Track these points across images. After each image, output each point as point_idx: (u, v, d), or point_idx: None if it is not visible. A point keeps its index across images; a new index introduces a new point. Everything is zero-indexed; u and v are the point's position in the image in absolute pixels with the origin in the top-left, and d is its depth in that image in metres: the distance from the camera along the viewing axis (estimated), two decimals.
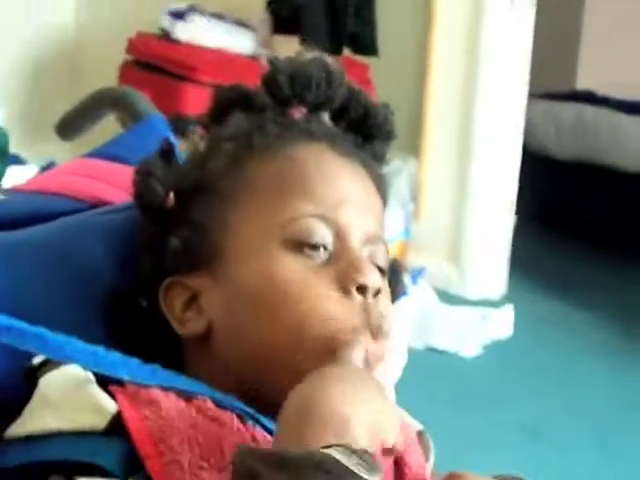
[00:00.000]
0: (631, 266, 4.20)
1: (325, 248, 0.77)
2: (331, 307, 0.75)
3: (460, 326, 3.26)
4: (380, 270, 0.80)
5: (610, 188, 4.55)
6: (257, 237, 0.77)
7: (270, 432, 0.72)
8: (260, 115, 0.83)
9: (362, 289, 0.76)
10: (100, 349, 0.72)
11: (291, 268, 0.76)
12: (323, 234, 0.77)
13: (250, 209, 0.79)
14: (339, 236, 0.78)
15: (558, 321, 3.52)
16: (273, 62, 0.85)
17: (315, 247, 0.77)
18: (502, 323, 3.33)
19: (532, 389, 2.92)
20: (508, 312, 3.38)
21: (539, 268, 4.08)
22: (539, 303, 3.67)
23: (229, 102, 0.85)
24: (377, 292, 0.77)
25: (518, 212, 3.90)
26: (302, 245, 0.77)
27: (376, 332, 0.76)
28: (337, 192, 0.80)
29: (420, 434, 0.90)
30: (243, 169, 0.80)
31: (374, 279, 0.77)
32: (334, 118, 0.86)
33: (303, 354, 0.75)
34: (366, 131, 0.87)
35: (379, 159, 0.89)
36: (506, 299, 3.64)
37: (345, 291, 0.76)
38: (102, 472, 0.66)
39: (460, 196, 3.75)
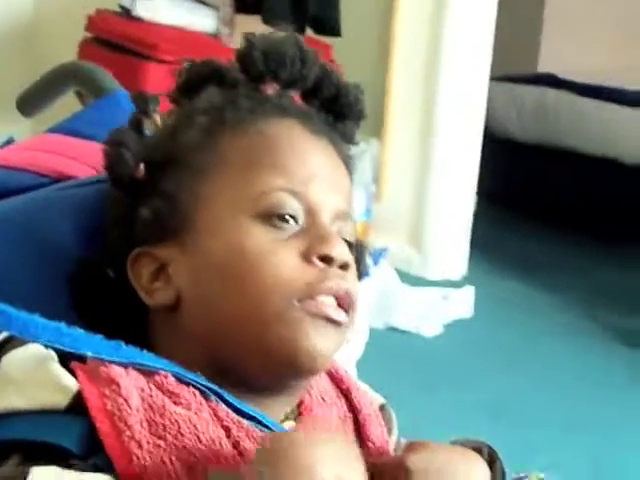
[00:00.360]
0: (591, 248, 4.24)
1: (295, 222, 0.78)
2: (291, 273, 0.75)
3: (421, 306, 3.27)
4: (349, 245, 0.80)
5: (570, 170, 4.59)
6: (227, 209, 0.77)
7: (233, 408, 0.73)
8: (233, 90, 0.84)
9: (327, 259, 0.77)
10: (63, 325, 0.72)
11: (259, 240, 0.76)
12: (293, 208, 0.78)
13: (221, 182, 0.79)
14: (309, 211, 0.78)
15: (519, 302, 3.55)
16: (248, 38, 0.85)
17: (285, 220, 0.77)
18: (463, 303, 3.35)
19: (493, 368, 2.94)
20: (469, 292, 3.40)
21: (500, 249, 4.10)
22: (500, 284, 3.70)
23: (201, 77, 0.85)
24: (344, 265, 0.78)
25: (479, 193, 3.92)
26: (272, 218, 0.77)
27: (337, 293, 0.76)
28: (307, 168, 0.80)
29: (382, 408, 0.91)
30: (215, 143, 0.80)
31: (341, 251, 0.77)
32: (306, 96, 0.86)
33: (266, 326, 0.75)
34: (337, 110, 0.87)
35: (348, 139, 0.89)
36: (467, 280, 3.66)
37: (308, 260, 0.76)
38: (62, 451, 0.66)
39: (422, 177, 3.76)
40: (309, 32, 3.64)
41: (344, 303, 0.77)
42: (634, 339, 3.23)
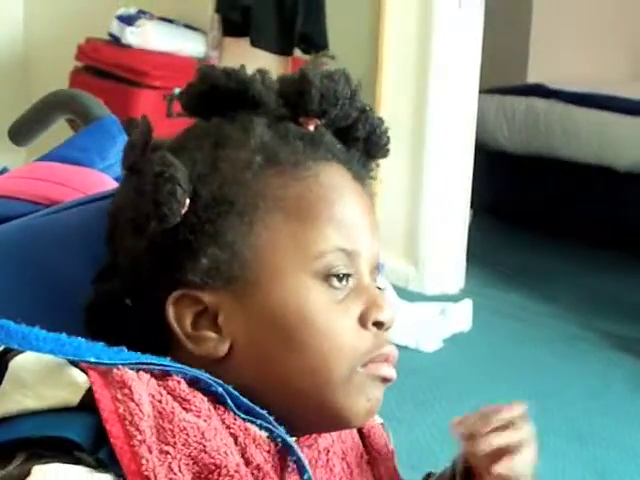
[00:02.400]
0: (587, 256, 4.24)
1: (347, 281, 0.78)
2: (353, 340, 0.77)
3: (420, 321, 3.27)
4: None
5: (563, 179, 4.60)
6: (288, 265, 0.76)
7: (244, 409, 0.73)
8: (280, 124, 0.80)
9: (379, 324, 0.78)
10: (63, 335, 0.72)
11: (321, 302, 0.76)
12: (348, 268, 0.77)
13: (278, 233, 0.76)
14: (359, 269, 0.79)
15: (517, 313, 3.55)
16: (307, 75, 0.81)
17: (341, 280, 0.77)
18: (461, 317, 3.35)
19: (494, 381, 2.93)
20: (467, 306, 3.40)
21: (496, 261, 4.11)
22: (497, 296, 3.70)
23: (229, 91, 0.81)
24: (390, 327, 0.80)
25: (473, 206, 3.93)
26: (331, 278, 0.76)
27: (389, 358, 0.79)
28: (356, 221, 0.79)
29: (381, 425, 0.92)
30: (268, 185, 0.77)
31: (390, 316, 0.79)
32: (339, 133, 0.84)
33: (329, 389, 0.76)
34: (368, 149, 0.85)
35: (370, 175, 0.88)
36: (464, 293, 3.66)
37: (364, 325, 0.77)
38: (67, 444, 0.66)
39: (415, 192, 3.77)
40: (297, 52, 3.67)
41: (392, 363, 0.80)
42: (633, 347, 3.23)
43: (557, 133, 4.58)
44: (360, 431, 0.87)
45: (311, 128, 0.82)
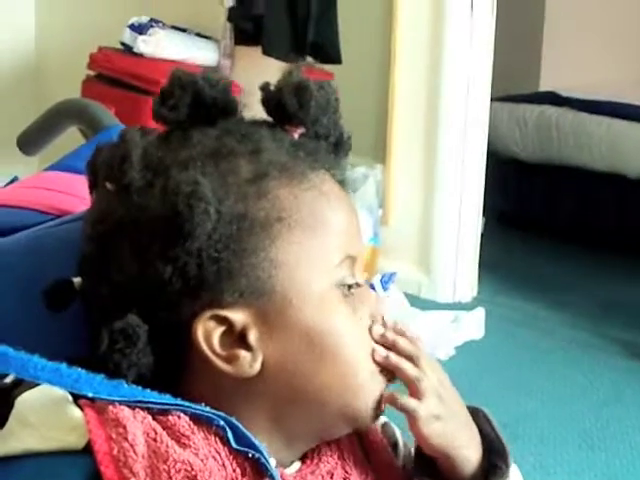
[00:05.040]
0: (599, 264, 4.23)
1: (356, 287, 0.79)
2: (369, 347, 0.80)
3: (432, 330, 3.26)
4: None
5: (575, 187, 4.59)
6: (312, 277, 0.76)
7: (246, 442, 0.72)
8: (277, 133, 0.79)
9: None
10: (63, 366, 0.70)
11: (344, 312, 0.77)
12: (355, 276, 0.79)
13: (296, 247, 0.75)
14: (357, 272, 0.80)
15: (530, 321, 3.54)
16: (310, 90, 0.79)
17: (350, 288, 0.78)
18: (474, 325, 3.34)
19: (507, 389, 2.93)
20: (480, 314, 3.39)
21: (509, 269, 4.10)
22: (510, 304, 3.69)
23: (210, 98, 0.79)
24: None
25: (485, 214, 3.92)
26: (347, 288, 0.78)
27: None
28: (354, 227, 0.80)
29: (384, 425, 0.91)
30: (284, 198, 0.76)
31: (384, 311, 0.83)
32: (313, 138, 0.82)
33: (355, 394, 0.78)
34: (335, 151, 0.83)
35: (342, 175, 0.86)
36: (477, 301, 3.65)
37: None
38: None
39: (428, 200, 3.76)
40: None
41: None
42: None
43: (569, 140, 4.57)
44: (362, 446, 0.86)
45: (295, 136, 0.81)
